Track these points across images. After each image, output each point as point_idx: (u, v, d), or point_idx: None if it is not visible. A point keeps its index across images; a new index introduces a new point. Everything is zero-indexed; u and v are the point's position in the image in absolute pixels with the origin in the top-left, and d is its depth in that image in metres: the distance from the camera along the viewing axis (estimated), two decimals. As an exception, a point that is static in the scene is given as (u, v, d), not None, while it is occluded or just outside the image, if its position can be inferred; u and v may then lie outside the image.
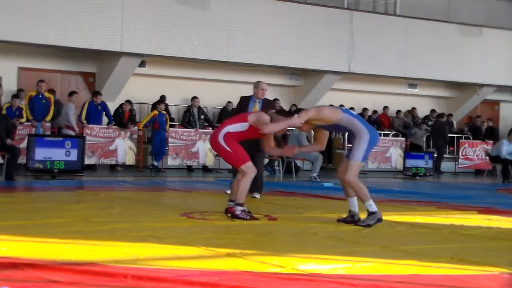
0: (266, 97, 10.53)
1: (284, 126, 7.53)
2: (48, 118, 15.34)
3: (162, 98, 17.53)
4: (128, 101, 16.95)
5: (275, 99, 19.00)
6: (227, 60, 18.37)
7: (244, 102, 10.42)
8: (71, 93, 15.65)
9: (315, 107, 7.78)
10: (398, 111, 21.87)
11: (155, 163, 16.53)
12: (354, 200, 7.64)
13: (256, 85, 10.41)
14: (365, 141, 7.37)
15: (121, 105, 16.87)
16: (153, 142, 16.58)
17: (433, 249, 6.11)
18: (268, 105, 10.31)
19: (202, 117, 17.98)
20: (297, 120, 7.33)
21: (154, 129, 16.57)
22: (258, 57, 18.68)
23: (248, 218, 7.55)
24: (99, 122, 16.19)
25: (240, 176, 7.70)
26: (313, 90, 20.43)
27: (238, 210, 7.59)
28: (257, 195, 10.49)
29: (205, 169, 17.44)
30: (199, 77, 19.21)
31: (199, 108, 17.94)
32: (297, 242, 6.35)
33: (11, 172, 12.45)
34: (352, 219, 7.62)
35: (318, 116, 7.38)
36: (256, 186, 10.15)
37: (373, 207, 7.40)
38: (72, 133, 15.17)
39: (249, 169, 7.61)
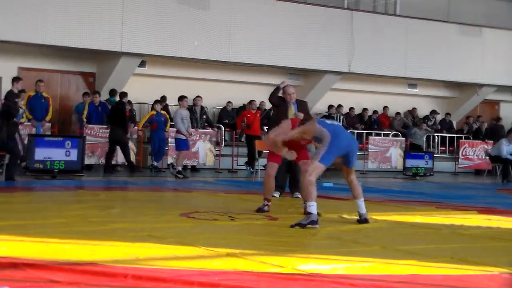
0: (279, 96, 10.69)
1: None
2: (48, 117, 15.37)
3: (163, 98, 17.52)
4: (128, 102, 16.94)
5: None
6: (227, 60, 18.37)
7: (284, 104, 10.54)
8: (181, 98, 15.37)
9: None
10: (397, 113, 21.88)
11: (155, 163, 16.52)
12: (359, 202, 7.70)
13: (284, 90, 10.57)
14: (326, 144, 7.40)
15: (121, 105, 16.86)
16: (152, 142, 16.58)
17: (433, 249, 6.11)
18: (302, 106, 10.52)
19: (204, 116, 17.99)
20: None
21: (152, 130, 16.57)
22: (258, 57, 18.67)
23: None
24: (100, 122, 16.17)
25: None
26: (313, 90, 20.42)
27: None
28: (299, 195, 10.73)
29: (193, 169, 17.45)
30: (199, 77, 19.20)
31: (202, 108, 17.95)
32: (297, 242, 6.35)
33: (11, 172, 12.45)
34: (360, 219, 7.71)
35: (304, 130, 7.76)
36: (298, 186, 10.67)
37: (312, 208, 7.26)
38: (182, 137, 15.14)
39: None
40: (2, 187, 11.31)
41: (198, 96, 17.74)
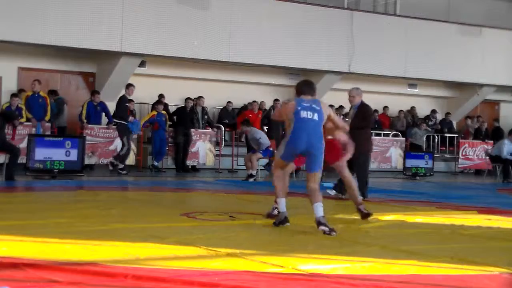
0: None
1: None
2: (47, 117, 15.36)
3: (160, 98, 17.55)
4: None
5: (276, 100, 19.03)
6: (227, 60, 18.36)
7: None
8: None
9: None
10: (400, 111, 21.87)
11: (155, 163, 16.53)
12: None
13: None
14: (286, 139, 7.16)
15: (121, 105, 16.87)
16: (153, 142, 16.59)
17: (433, 249, 6.11)
18: (361, 110, 10.34)
19: (206, 117, 17.98)
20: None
21: (153, 130, 16.59)
22: (258, 57, 18.67)
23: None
24: (98, 122, 16.20)
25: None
26: (313, 90, 20.39)
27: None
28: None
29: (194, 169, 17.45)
30: (199, 77, 19.20)
31: (203, 108, 17.94)
32: (297, 242, 6.34)
33: (12, 172, 12.45)
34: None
35: (283, 111, 7.37)
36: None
37: (279, 206, 7.15)
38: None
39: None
40: (2, 187, 11.31)
41: (200, 97, 17.76)
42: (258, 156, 15.24)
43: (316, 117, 7.06)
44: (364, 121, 10.53)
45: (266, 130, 17.20)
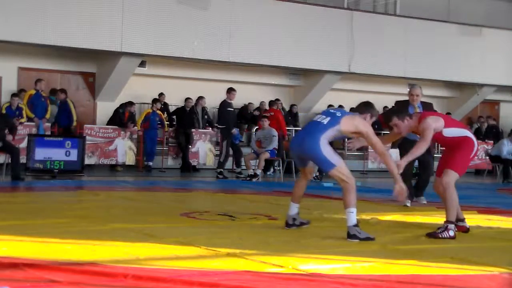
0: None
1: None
2: (48, 115, 15.41)
3: (159, 96, 17.56)
4: (130, 102, 16.92)
5: (276, 99, 19.00)
6: (227, 60, 18.36)
7: (401, 107, 10.30)
8: None
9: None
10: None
11: (149, 163, 16.47)
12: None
13: (409, 90, 10.39)
14: None
15: (121, 105, 16.87)
16: (144, 141, 16.56)
17: (433, 249, 6.11)
18: (428, 109, 10.22)
19: (206, 117, 17.99)
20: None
21: (144, 129, 16.54)
22: (258, 57, 18.66)
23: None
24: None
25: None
26: (313, 90, 20.43)
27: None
28: (424, 201, 10.56)
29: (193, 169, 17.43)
30: (199, 77, 19.20)
31: (203, 108, 17.95)
32: (297, 242, 6.34)
33: (18, 172, 12.41)
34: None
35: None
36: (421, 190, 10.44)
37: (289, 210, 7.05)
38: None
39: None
40: (2, 187, 11.31)
41: (201, 97, 17.76)
42: (266, 155, 15.21)
43: (326, 121, 6.66)
44: None
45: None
